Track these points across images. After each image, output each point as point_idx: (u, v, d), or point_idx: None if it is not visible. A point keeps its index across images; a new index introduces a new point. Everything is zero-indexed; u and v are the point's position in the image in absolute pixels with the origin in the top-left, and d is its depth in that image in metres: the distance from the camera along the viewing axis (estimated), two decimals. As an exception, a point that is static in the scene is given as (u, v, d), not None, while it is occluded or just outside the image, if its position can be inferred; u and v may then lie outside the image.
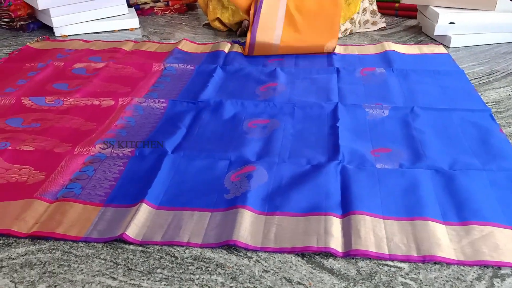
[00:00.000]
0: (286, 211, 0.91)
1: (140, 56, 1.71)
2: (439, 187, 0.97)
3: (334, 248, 0.81)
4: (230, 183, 1.00)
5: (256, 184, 0.98)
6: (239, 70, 1.56)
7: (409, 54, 1.69)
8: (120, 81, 1.50)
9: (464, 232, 0.85)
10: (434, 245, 0.81)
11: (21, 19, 2.02)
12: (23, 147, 1.13)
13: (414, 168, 1.03)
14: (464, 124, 1.21)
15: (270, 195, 0.96)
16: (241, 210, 0.89)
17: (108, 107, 1.32)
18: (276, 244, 0.84)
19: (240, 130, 1.20)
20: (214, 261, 0.81)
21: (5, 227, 0.88)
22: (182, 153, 1.09)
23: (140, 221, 0.88)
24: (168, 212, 0.92)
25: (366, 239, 0.83)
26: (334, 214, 0.89)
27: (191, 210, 0.92)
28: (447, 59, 1.65)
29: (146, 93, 1.41)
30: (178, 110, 1.30)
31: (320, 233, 0.85)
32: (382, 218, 0.89)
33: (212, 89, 1.42)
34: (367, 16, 1.99)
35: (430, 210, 0.90)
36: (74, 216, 0.91)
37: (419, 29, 1.98)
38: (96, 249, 0.84)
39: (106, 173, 1.03)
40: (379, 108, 1.28)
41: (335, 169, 1.02)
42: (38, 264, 0.81)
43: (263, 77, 1.52)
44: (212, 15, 1.98)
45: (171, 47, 1.77)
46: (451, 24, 1.77)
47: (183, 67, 1.58)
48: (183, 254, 0.83)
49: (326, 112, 1.28)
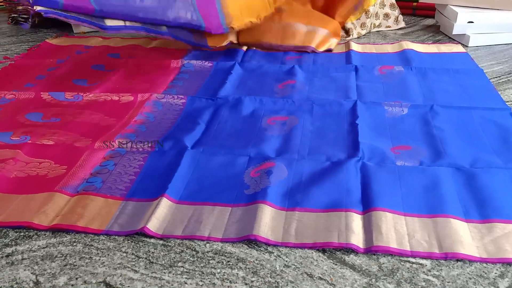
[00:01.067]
0: (306, 207, 0.91)
1: (159, 53, 1.72)
2: (460, 184, 0.96)
3: (355, 244, 0.81)
4: (250, 178, 1.00)
5: (276, 180, 0.98)
6: (257, 68, 1.57)
7: (427, 53, 1.68)
8: (138, 78, 1.51)
9: (486, 229, 0.85)
10: (457, 242, 0.81)
11: (39, 16, 2.04)
12: (43, 141, 1.14)
13: (435, 165, 1.02)
14: (484, 122, 1.20)
15: (290, 191, 0.96)
16: (262, 206, 0.89)
17: (127, 102, 1.33)
18: (297, 239, 0.84)
19: (259, 127, 1.20)
20: (235, 256, 0.81)
21: (26, 219, 0.89)
22: (202, 148, 1.10)
23: (161, 215, 0.89)
24: (189, 207, 0.92)
25: (387, 235, 0.83)
26: (355, 211, 0.89)
27: (211, 205, 0.92)
28: (466, 58, 1.63)
29: (165, 89, 1.42)
30: (197, 106, 1.31)
31: (341, 229, 0.85)
32: (403, 215, 0.88)
33: (230, 86, 1.42)
34: (386, 9, 1.98)
35: (452, 207, 0.89)
36: (95, 210, 0.91)
37: (437, 28, 1.97)
38: (118, 242, 0.85)
39: (127, 168, 1.04)
40: (398, 106, 1.28)
41: (355, 166, 1.02)
42: (59, 257, 0.82)
43: (281, 74, 1.52)
44: None
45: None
46: (469, 23, 1.76)
47: (201, 64, 1.59)
48: (204, 248, 0.83)
49: (345, 109, 1.28)
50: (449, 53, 1.68)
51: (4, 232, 0.88)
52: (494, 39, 1.77)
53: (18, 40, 1.93)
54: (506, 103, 1.30)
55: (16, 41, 1.92)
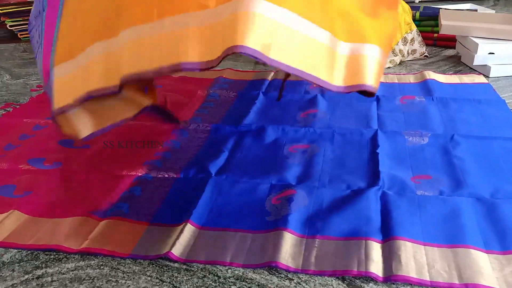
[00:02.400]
0: (326, 235, 0.92)
1: (186, 83, 1.77)
2: (480, 215, 0.97)
3: (374, 273, 0.82)
4: (271, 205, 1.02)
5: (297, 207, 1.00)
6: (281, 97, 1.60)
7: (449, 84, 1.69)
8: (166, 106, 1.56)
9: (506, 261, 0.85)
10: (477, 273, 0.81)
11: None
12: (74, 166, 1.19)
13: (455, 195, 1.03)
14: (505, 153, 1.20)
15: (310, 218, 0.98)
16: (283, 233, 0.91)
17: (154, 129, 1.38)
18: (316, 267, 0.85)
19: (281, 154, 1.23)
20: (256, 281, 0.83)
21: (56, 242, 0.93)
22: (225, 175, 1.13)
23: (184, 240, 0.91)
24: (211, 233, 0.95)
25: (407, 264, 0.83)
26: (374, 239, 0.90)
27: (233, 231, 0.95)
28: (488, 88, 1.64)
29: (191, 118, 1.46)
30: (221, 134, 1.35)
31: (360, 257, 0.86)
32: (423, 245, 0.89)
33: (254, 115, 1.46)
34: (415, 46, 2.01)
35: (472, 238, 0.90)
36: (122, 234, 0.95)
37: (458, 59, 1.98)
38: (143, 266, 0.87)
39: (153, 193, 1.07)
40: (419, 136, 1.29)
41: (375, 194, 1.03)
42: (87, 279, 0.85)
43: (303, 103, 1.55)
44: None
45: (215, 74, 1.83)
46: (490, 54, 1.77)
47: (226, 93, 1.64)
48: (226, 274, 0.85)
49: (366, 138, 1.30)
50: (471, 83, 1.69)
51: (35, 255, 0.91)
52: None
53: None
54: (527, 133, 1.30)
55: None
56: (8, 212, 1.01)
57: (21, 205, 1.04)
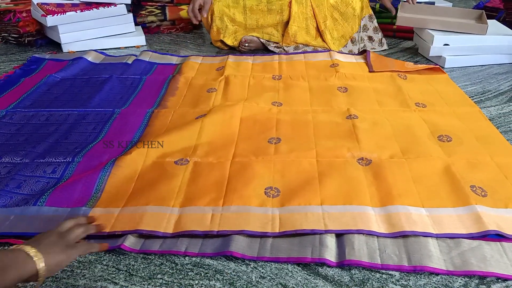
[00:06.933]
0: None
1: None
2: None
3: (328, 259, 0.84)
4: None
5: None
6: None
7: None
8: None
9: (454, 244, 0.88)
10: (425, 256, 0.84)
11: (29, 35, 2.08)
12: None
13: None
14: None
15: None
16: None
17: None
18: (272, 254, 0.87)
19: None
20: (213, 267, 0.84)
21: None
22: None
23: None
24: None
25: (359, 250, 0.86)
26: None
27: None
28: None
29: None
30: None
31: (315, 244, 0.88)
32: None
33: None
34: (369, 33, 2.06)
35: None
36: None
37: (416, 50, 2.04)
38: (99, 256, 0.87)
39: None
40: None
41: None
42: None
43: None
44: (216, 37, 2.04)
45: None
46: (445, 46, 1.83)
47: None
48: (183, 261, 0.86)
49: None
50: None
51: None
52: (469, 61, 1.84)
53: (7, 59, 1.97)
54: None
55: (5, 60, 1.95)
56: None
57: None
